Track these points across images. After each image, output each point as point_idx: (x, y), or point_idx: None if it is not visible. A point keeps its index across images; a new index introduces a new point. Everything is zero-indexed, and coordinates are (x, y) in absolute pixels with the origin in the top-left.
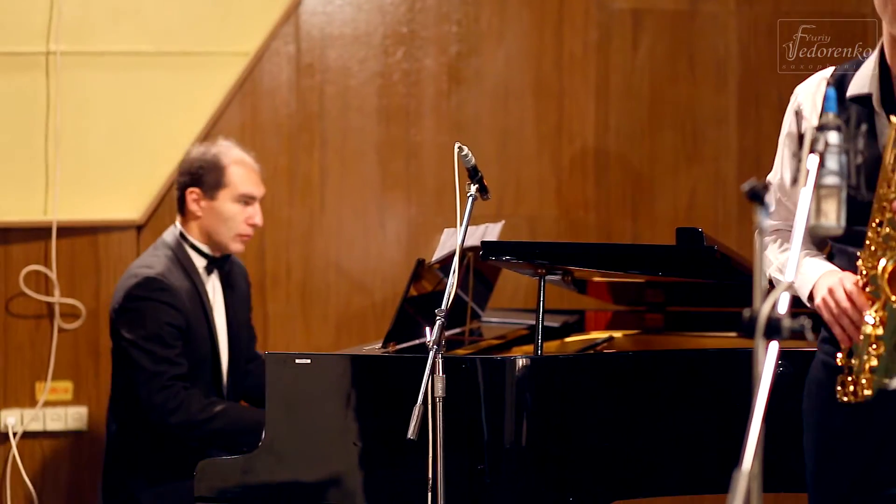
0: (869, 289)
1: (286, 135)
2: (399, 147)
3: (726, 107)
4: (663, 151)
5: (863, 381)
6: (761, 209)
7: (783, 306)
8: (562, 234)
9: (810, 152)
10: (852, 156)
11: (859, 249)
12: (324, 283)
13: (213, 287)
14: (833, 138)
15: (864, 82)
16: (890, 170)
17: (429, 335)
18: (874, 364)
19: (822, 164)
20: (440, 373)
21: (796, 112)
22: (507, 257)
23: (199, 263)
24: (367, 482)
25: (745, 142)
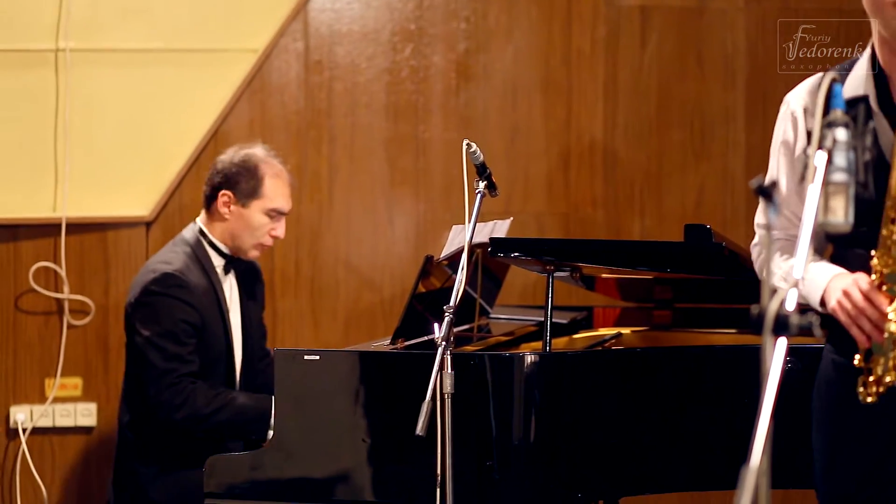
0: (885, 287)
1: (295, 131)
2: (407, 144)
3: (734, 103)
4: (671, 148)
5: (887, 379)
6: (770, 205)
7: (791, 303)
8: (570, 231)
9: (819, 149)
10: (860, 153)
11: (866, 250)
12: (332, 280)
13: (230, 286)
14: (841, 135)
15: (859, 84)
16: None
17: (437, 332)
18: None
19: (830, 161)
20: (449, 369)
21: (791, 119)
22: (515, 254)
23: (218, 262)
24: (376, 478)
25: (754, 138)
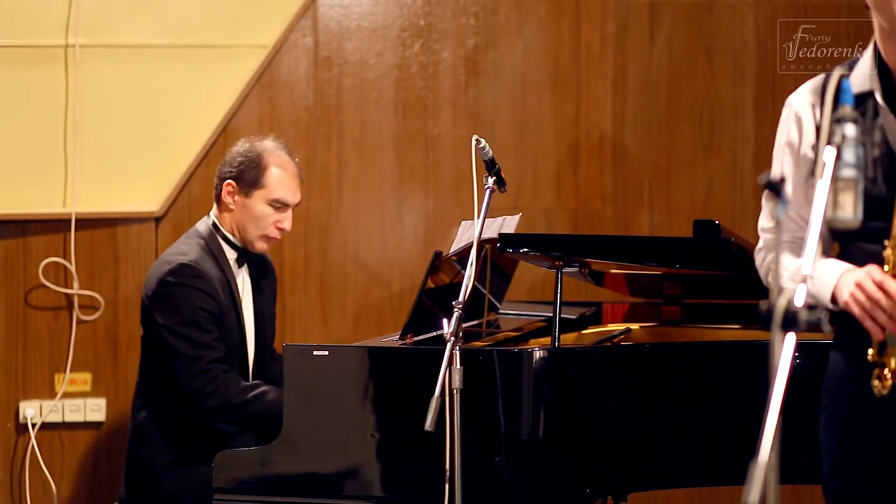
0: None
1: (304, 127)
2: (416, 139)
3: (743, 99)
4: (680, 144)
5: None
6: (778, 201)
7: (800, 298)
8: (579, 227)
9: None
10: (869, 148)
11: (877, 246)
12: (342, 275)
13: (243, 279)
14: (850, 131)
15: (863, 80)
16: None
17: (446, 327)
18: None
19: (838, 157)
20: (457, 365)
21: (796, 119)
22: (524, 249)
23: (231, 255)
24: (385, 474)
25: (762, 134)
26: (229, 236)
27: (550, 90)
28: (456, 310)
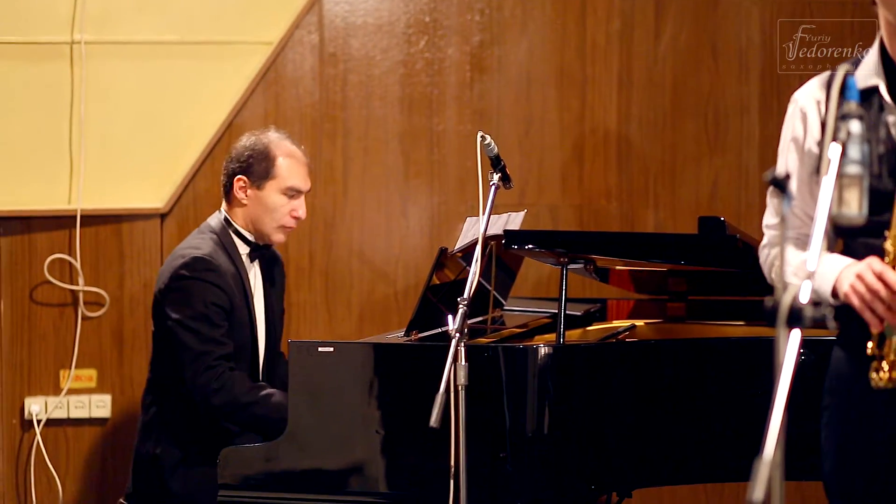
0: None
1: (309, 124)
2: (422, 136)
3: (748, 96)
4: (685, 141)
5: None
6: (784, 197)
7: (805, 295)
8: (584, 223)
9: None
10: (874, 145)
11: (880, 240)
12: (347, 272)
13: (255, 274)
14: (855, 127)
15: (869, 75)
16: None
17: (451, 323)
18: None
19: (844, 153)
20: (462, 361)
21: (801, 116)
22: (529, 246)
23: (243, 250)
24: (390, 470)
25: (768, 131)
26: (242, 231)
27: (556, 87)
28: (461, 306)
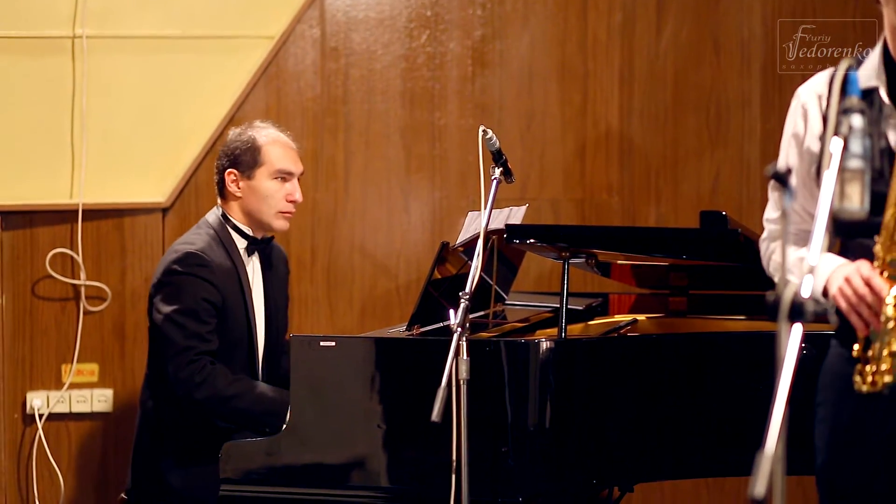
0: (887, 273)
1: (311, 118)
2: (423, 130)
3: (750, 90)
4: (687, 135)
5: (883, 367)
6: (785, 192)
7: (806, 290)
8: (586, 218)
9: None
10: (875, 140)
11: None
12: (348, 266)
13: (254, 268)
14: (857, 121)
15: (870, 76)
16: None
17: (453, 318)
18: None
19: (846, 148)
20: (464, 355)
21: (802, 112)
22: (531, 240)
23: (241, 244)
24: (391, 464)
25: (769, 125)
26: (239, 225)
27: (557, 81)
28: (463, 300)
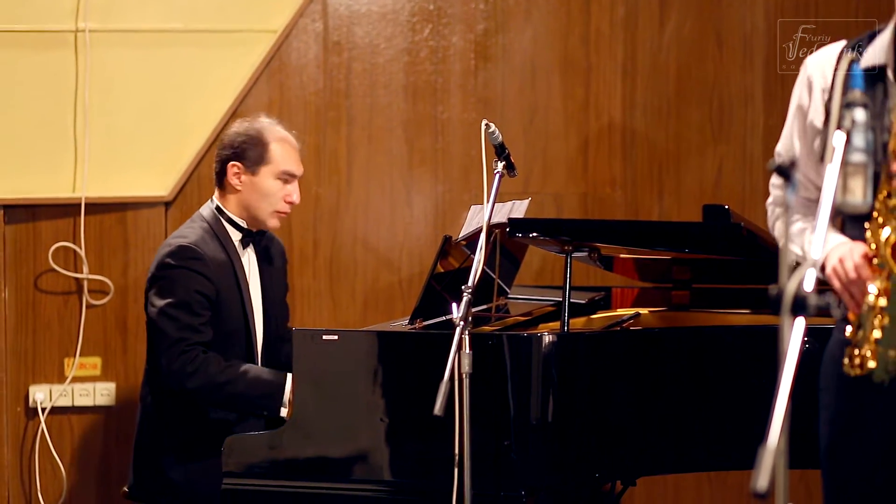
0: (876, 260)
1: (313, 112)
2: (426, 124)
3: (753, 84)
4: (690, 129)
5: (867, 352)
6: (788, 186)
7: (809, 283)
8: (588, 212)
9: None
10: (878, 133)
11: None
12: (351, 260)
13: (249, 260)
14: (860, 115)
15: (879, 53)
16: None
17: (455, 311)
18: (878, 336)
19: (848, 141)
20: (467, 349)
21: (807, 84)
22: (533, 234)
23: (235, 237)
24: (394, 458)
25: (772, 119)
26: (234, 218)
27: (560, 75)
28: (465, 294)
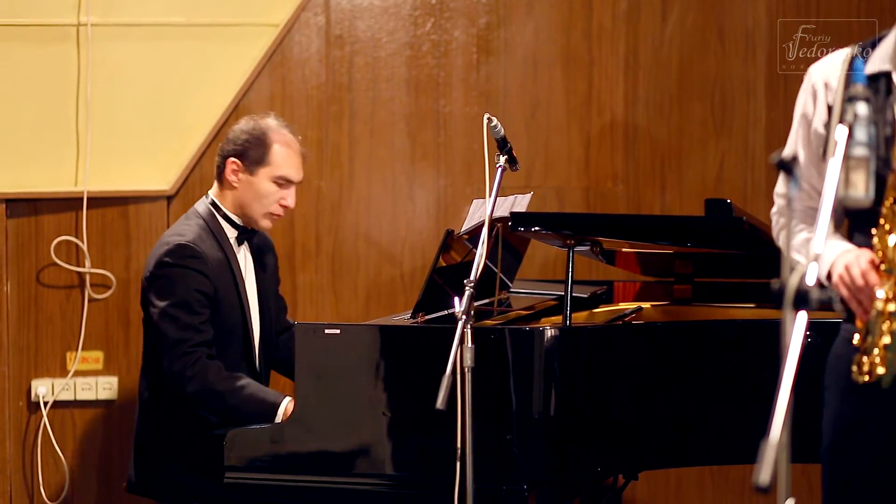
0: (883, 266)
1: (315, 106)
2: (428, 118)
3: (755, 78)
4: (692, 123)
5: (876, 358)
6: (790, 180)
7: (811, 277)
8: (590, 206)
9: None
10: (881, 128)
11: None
12: (353, 254)
13: (244, 257)
14: (862, 109)
15: (884, 59)
16: None
17: (458, 306)
18: (888, 341)
19: (850, 136)
20: (469, 343)
21: (812, 92)
22: (536, 228)
23: (231, 234)
24: (396, 452)
25: (774, 113)
26: (230, 215)
27: (562, 69)
28: (467, 288)
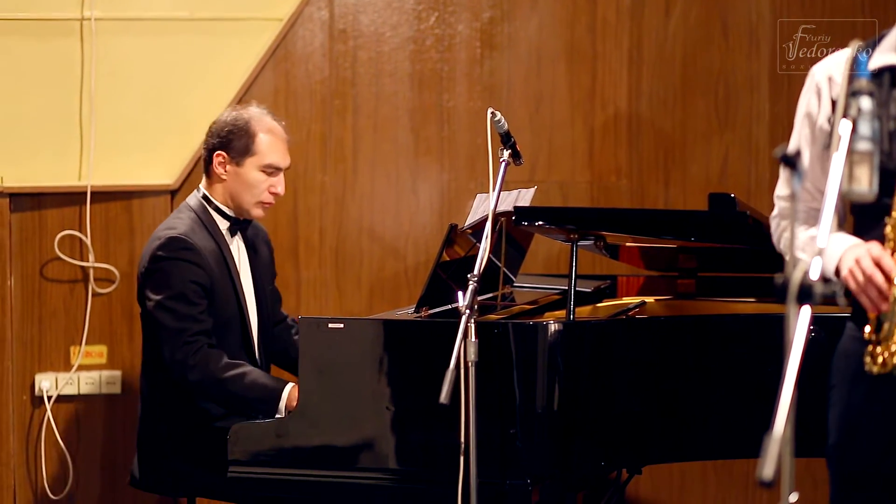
0: None
1: (319, 100)
2: (432, 112)
3: (759, 73)
4: (696, 117)
5: (892, 348)
6: (794, 174)
7: (815, 271)
8: (594, 200)
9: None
10: (885, 122)
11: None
12: (357, 249)
13: (238, 248)
14: (866, 103)
15: (889, 54)
16: None
17: (461, 300)
18: None
19: (854, 130)
20: (472, 337)
21: (816, 92)
22: (539, 222)
23: (223, 225)
24: (400, 446)
25: (778, 108)
26: (221, 206)
27: (566, 63)
28: (471, 283)
